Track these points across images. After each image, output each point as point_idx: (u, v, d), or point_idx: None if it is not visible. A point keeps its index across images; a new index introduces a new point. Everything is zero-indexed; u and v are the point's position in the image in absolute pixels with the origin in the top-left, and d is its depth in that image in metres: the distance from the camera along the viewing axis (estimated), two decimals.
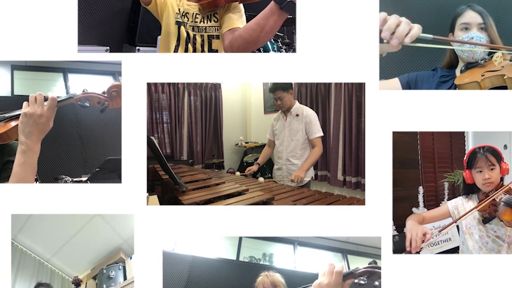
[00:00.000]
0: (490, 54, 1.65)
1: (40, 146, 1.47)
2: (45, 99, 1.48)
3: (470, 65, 1.67)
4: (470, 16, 1.68)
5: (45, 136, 1.48)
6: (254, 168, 3.22)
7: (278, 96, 2.96)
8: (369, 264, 1.25)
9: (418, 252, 1.61)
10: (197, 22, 1.98)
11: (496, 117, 1.67)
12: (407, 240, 1.57)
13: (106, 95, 1.65)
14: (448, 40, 1.63)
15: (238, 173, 2.71)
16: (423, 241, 1.56)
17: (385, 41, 1.47)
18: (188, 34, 1.96)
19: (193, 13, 1.98)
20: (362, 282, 1.22)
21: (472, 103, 1.67)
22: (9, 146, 1.71)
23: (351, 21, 1.68)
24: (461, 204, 1.75)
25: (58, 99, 1.51)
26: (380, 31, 1.46)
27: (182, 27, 1.95)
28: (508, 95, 1.64)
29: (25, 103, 1.47)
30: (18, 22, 1.70)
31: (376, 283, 1.21)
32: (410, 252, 1.58)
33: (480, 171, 1.69)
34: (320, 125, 2.97)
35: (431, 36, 1.52)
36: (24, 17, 1.70)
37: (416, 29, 1.45)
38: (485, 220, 1.66)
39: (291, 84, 3.01)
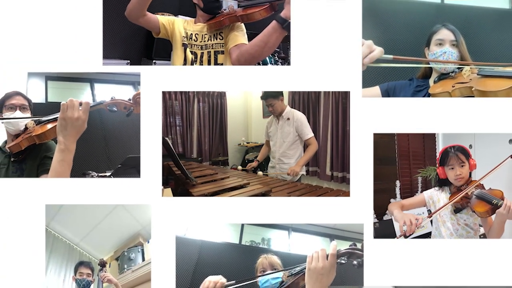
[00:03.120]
0: (460, 67, 1.65)
1: (75, 146, 1.47)
2: (80, 104, 1.47)
3: (443, 76, 1.67)
4: (444, 34, 1.68)
5: None
6: (254, 164, 3.19)
7: (269, 103, 2.88)
8: (349, 246, 1.25)
9: (407, 236, 1.61)
10: (205, 40, 1.98)
11: (463, 121, 1.67)
12: (400, 226, 1.56)
13: (131, 101, 1.65)
14: (406, 59, 1.60)
15: (240, 167, 2.70)
16: (416, 226, 1.55)
17: None
18: (195, 54, 1.97)
19: (202, 34, 1.99)
20: (342, 261, 1.22)
21: (442, 109, 1.67)
22: (46, 144, 1.72)
23: (337, 39, 1.68)
24: (435, 195, 1.76)
25: (91, 104, 1.50)
26: None
27: (187, 49, 1.96)
28: (472, 102, 1.64)
29: (62, 108, 1.46)
30: (52, 40, 1.70)
31: (355, 262, 1.20)
32: (405, 236, 1.57)
33: (452, 168, 1.69)
34: (310, 126, 2.92)
35: (391, 56, 1.51)
36: (57, 36, 1.70)
37: (377, 51, 1.42)
38: (457, 210, 1.67)
39: (281, 91, 2.94)
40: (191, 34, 2.00)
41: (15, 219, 1.66)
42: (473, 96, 1.57)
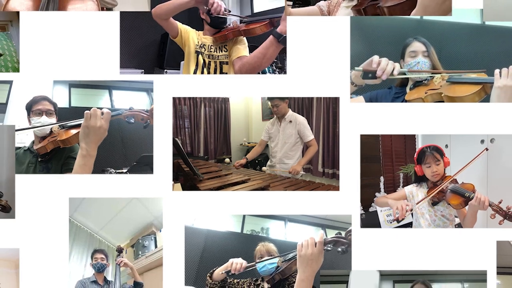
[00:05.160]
0: (432, 75, 1.65)
1: (96, 151, 1.46)
2: (101, 113, 1.46)
3: (417, 83, 1.67)
4: (416, 46, 1.68)
5: None
6: (243, 161, 3.01)
7: (275, 103, 2.79)
8: (335, 234, 1.26)
9: (400, 221, 1.63)
10: (212, 51, 2.00)
11: (439, 123, 1.68)
12: (394, 212, 1.60)
13: (148, 114, 1.65)
14: (415, 71, 1.64)
15: (228, 160, 2.61)
16: (406, 211, 1.58)
17: (377, 77, 1.52)
18: (204, 61, 1.98)
19: (209, 45, 2.00)
20: (328, 248, 1.22)
21: (421, 112, 1.68)
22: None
23: (329, 51, 1.69)
24: (415, 190, 1.76)
25: (112, 114, 1.50)
26: (374, 71, 1.51)
27: (200, 55, 1.97)
28: (447, 107, 1.65)
29: (86, 117, 1.45)
30: (74, 51, 1.71)
31: (339, 249, 1.21)
32: (397, 221, 1.63)
33: (429, 166, 1.69)
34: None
35: (406, 69, 1.60)
36: (79, 48, 1.71)
37: (398, 67, 1.53)
38: (434, 203, 1.68)
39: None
40: (201, 43, 2.01)
41: (42, 211, 1.68)
42: (443, 101, 1.57)
